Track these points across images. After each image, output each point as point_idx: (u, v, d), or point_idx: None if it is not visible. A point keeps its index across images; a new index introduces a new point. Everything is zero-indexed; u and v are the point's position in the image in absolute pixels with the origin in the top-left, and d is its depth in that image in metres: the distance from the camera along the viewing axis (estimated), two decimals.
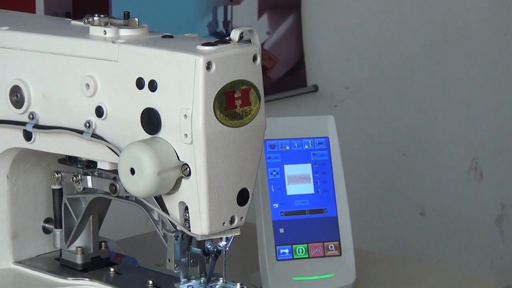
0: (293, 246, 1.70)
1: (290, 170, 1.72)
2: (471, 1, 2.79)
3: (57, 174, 1.46)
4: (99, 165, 1.40)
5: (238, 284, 1.38)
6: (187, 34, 1.36)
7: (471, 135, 2.85)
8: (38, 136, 1.40)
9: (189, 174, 1.29)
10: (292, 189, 1.72)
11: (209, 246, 1.35)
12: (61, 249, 1.48)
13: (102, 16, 1.37)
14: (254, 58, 1.31)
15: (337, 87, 2.53)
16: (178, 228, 1.33)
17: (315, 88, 2.48)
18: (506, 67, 2.89)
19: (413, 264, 1.92)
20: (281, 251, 1.69)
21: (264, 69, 1.24)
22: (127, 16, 1.36)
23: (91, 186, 1.43)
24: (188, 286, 1.37)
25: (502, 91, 2.89)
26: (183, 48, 1.29)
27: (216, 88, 1.27)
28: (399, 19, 2.65)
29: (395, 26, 2.65)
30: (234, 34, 1.30)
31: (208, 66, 1.27)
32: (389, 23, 2.63)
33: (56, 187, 1.47)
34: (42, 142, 1.40)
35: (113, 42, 1.34)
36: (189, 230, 1.32)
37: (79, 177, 1.44)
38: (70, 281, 1.43)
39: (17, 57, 1.41)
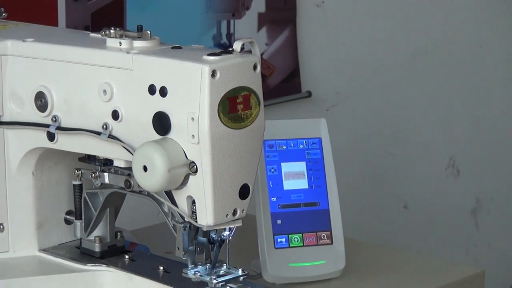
0: (289, 235, 1.70)
1: (286, 167, 1.72)
2: (449, 15, 2.78)
3: (78, 171, 1.46)
4: (115, 163, 1.39)
5: (240, 269, 1.38)
6: (194, 46, 1.35)
7: (449, 137, 2.85)
8: (60, 137, 1.40)
9: (196, 171, 1.29)
10: (288, 185, 1.72)
11: (213, 236, 1.35)
12: (81, 238, 1.48)
13: (117, 29, 1.37)
14: (254, 67, 1.30)
15: (328, 93, 2.53)
16: (186, 219, 1.33)
17: (309, 94, 2.48)
18: (480, 76, 2.88)
19: (397, 252, 1.92)
20: (279, 240, 1.69)
21: (263, 77, 1.24)
22: (140, 29, 1.36)
23: (108, 182, 1.43)
24: (195, 271, 1.37)
25: (476, 98, 2.89)
26: (191, 58, 1.29)
27: (220, 93, 1.27)
28: (384, 32, 2.65)
29: (381, 38, 2.65)
30: (236, 45, 1.29)
31: (213, 74, 1.26)
32: (375, 36, 2.63)
33: (77, 182, 1.47)
34: (64, 142, 1.40)
35: (128, 53, 1.34)
36: (196, 221, 1.32)
37: (97, 173, 1.43)
38: (89, 267, 1.43)
39: (41, 66, 1.40)
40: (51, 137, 1.40)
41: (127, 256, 1.45)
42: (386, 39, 2.65)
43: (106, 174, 1.43)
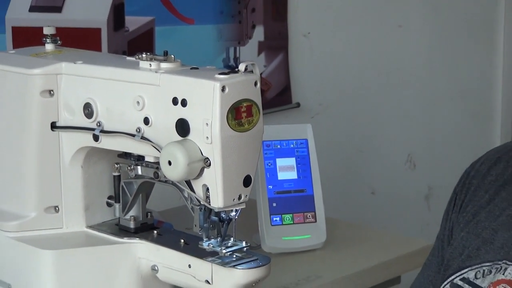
0: (282, 215, 1.70)
1: (280, 162, 1.72)
2: (405, 46, 2.78)
3: (117, 165, 1.46)
4: (146, 159, 1.39)
5: (244, 242, 1.37)
6: (208, 67, 1.35)
7: (407, 138, 2.85)
8: (103, 138, 1.39)
9: (209, 165, 1.28)
10: (281, 175, 1.72)
11: (223, 215, 1.35)
12: (119, 218, 1.48)
13: (148, 54, 1.36)
14: (255, 84, 1.30)
15: (313, 104, 2.52)
16: (201, 202, 1.32)
17: (298, 105, 2.48)
18: (429, 91, 2.88)
19: (366, 229, 1.92)
20: (274, 219, 1.69)
21: (262, 91, 1.24)
22: (166, 54, 1.36)
23: (140, 173, 1.43)
24: (208, 243, 1.37)
25: (427, 108, 2.89)
26: (205, 76, 1.29)
27: (228, 104, 1.27)
28: (357, 57, 2.65)
29: (354, 62, 2.64)
30: (241, 67, 1.29)
31: (223, 89, 1.26)
32: (349, 60, 2.63)
33: (116, 174, 1.47)
34: (106, 142, 1.40)
35: (156, 72, 1.33)
36: (209, 204, 1.31)
37: (132, 167, 1.43)
38: (125, 240, 1.43)
39: (88, 83, 1.40)
40: (96, 138, 1.40)
41: (155, 232, 1.45)
42: (358, 63, 2.65)
43: (139, 167, 1.42)
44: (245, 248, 1.37)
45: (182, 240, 1.40)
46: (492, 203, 1.30)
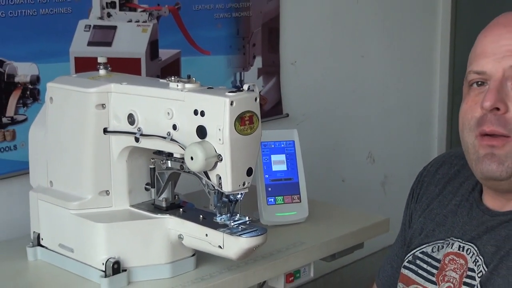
0: (276, 197, 1.70)
1: (274, 157, 1.72)
2: (368, 70, 2.78)
3: (152, 159, 1.46)
4: (174, 155, 1.39)
5: (247, 217, 1.38)
6: (220, 87, 1.35)
7: (369, 139, 2.84)
8: (142, 140, 1.39)
9: (221, 160, 1.29)
10: (275, 167, 1.71)
11: (231, 197, 1.35)
12: (154, 199, 1.48)
13: (175, 77, 1.36)
14: (255, 99, 1.30)
15: (298, 114, 2.52)
16: (215, 187, 1.33)
17: (287, 115, 2.47)
18: (386, 104, 2.88)
19: (338, 207, 1.91)
20: (269, 200, 1.69)
21: (260, 105, 1.24)
22: (189, 77, 1.36)
23: (170, 166, 1.43)
24: (220, 218, 1.37)
25: (384, 117, 2.88)
26: (218, 94, 1.29)
27: (235, 115, 1.27)
28: (331, 79, 2.64)
29: (329, 83, 2.64)
30: (245, 87, 1.29)
31: (231, 103, 1.26)
32: (326, 82, 2.62)
33: (152, 166, 1.47)
34: (144, 143, 1.40)
35: (182, 91, 1.33)
36: (221, 189, 1.31)
37: (164, 161, 1.43)
38: (159, 216, 1.43)
39: (131, 99, 1.40)
40: (136, 140, 1.40)
41: (181, 209, 1.45)
42: (331, 84, 2.65)
43: (169, 161, 1.42)
44: (248, 222, 1.37)
45: (201, 216, 1.40)
46: (441, 195, 1.30)
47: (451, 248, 1.21)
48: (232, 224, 1.36)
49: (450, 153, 1.37)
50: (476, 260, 1.16)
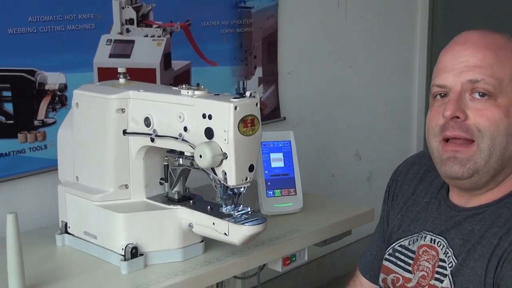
0: (274, 190, 1.69)
1: (273, 155, 1.71)
2: (355, 78, 2.78)
3: (166, 157, 1.46)
4: (185, 153, 1.39)
5: (249, 208, 1.37)
6: (225, 93, 1.35)
7: (356, 140, 2.84)
8: (157, 140, 1.39)
9: (227, 157, 1.28)
10: (274, 164, 1.71)
11: (235, 190, 1.35)
12: (168, 192, 1.47)
13: (186, 85, 1.36)
14: (256, 104, 1.30)
15: (294, 117, 2.52)
16: (221, 182, 1.32)
17: (284, 118, 2.47)
18: (371, 108, 2.88)
19: (328, 199, 1.91)
20: (269, 192, 1.69)
21: (261, 109, 1.24)
22: (198, 85, 1.35)
23: (181, 163, 1.42)
24: (226, 209, 1.37)
25: (369, 120, 2.88)
26: (224, 99, 1.28)
27: (239, 118, 1.26)
28: (323, 86, 2.64)
29: (321, 90, 2.64)
30: (247, 93, 1.29)
31: (235, 108, 1.26)
32: (318, 88, 2.62)
33: (165, 163, 1.46)
34: (159, 143, 1.39)
35: (192, 97, 1.33)
36: (227, 183, 1.31)
37: (176, 159, 1.43)
38: (172, 207, 1.42)
39: (147, 104, 1.40)
40: (152, 140, 1.40)
41: (191, 201, 1.45)
42: (323, 91, 2.65)
43: (180, 159, 1.42)
44: (249, 212, 1.37)
45: (209, 207, 1.40)
46: (415, 194, 1.30)
47: (424, 240, 1.21)
48: (236, 214, 1.35)
49: (419, 154, 1.37)
50: (446, 252, 1.16)
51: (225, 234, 1.34)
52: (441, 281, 1.14)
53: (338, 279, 2.78)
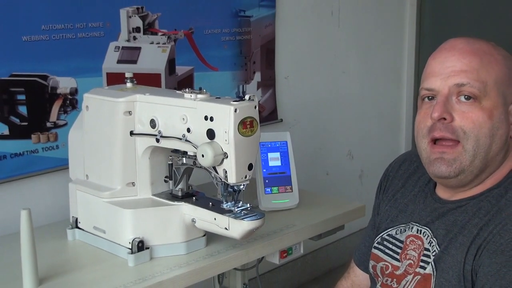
0: (272, 187, 1.69)
1: (270, 155, 1.71)
2: (348, 83, 2.78)
3: (170, 156, 1.45)
4: (188, 153, 1.38)
5: (248, 204, 1.37)
6: (226, 97, 1.34)
7: (348, 140, 2.84)
8: (162, 140, 1.39)
9: (227, 157, 1.28)
10: (271, 163, 1.71)
11: (235, 187, 1.34)
12: (172, 189, 1.47)
13: (189, 89, 1.35)
14: (255, 107, 1.29)
15: (290, 119, 2.52)
16: (222, 180, 1.32)
17: (281, 120, 2.47)
18: (362, 111, 2.88)
19: (323, 196, 1.91)
20: (267, 189, 1.68)
21: (260, 112, 1.24)
22: (200, 89, 1.35)
23: (185, 162, 1.42)
24: (226, 205, 1.36)
25: (360, 122, 2.88)
26: (225, 102, 1.28)
27: (238, 119, 1.26)
28: (317, 90, 2.64)
29: (316, 93, 2.64)
30: (247, 97, 1.29)
31: (235, 110, 1.25)
32: (313, 92, 2.62)
33: (170, 162, 1.46)
34: (164, 143, 1.39)
35: (194, 100, 1.32)
36: (227, 181, 1.31)
37: (180, 158, 1.42)
38: (176, 203, 1.42)
39: (153, 107, 1.39)
40: (157, 141, 1.39)
41: (194, 198, 1.44)
42: (317, 95, 2.65)
43: (184, 158, 1.42)
44: (249, 208, 1.36)
45: (210, 203, 1.40)
46: (403, 188, 1.31)
47: (411, 231, 1.22)
48: (236, 209, 1.35)
49: (410, 152, 1.38)
50: (431, 242, 1.16)
51: (226, 228, 1.33)
52: (424, 268, 1.15)
53: (332, 270, 2.78)
